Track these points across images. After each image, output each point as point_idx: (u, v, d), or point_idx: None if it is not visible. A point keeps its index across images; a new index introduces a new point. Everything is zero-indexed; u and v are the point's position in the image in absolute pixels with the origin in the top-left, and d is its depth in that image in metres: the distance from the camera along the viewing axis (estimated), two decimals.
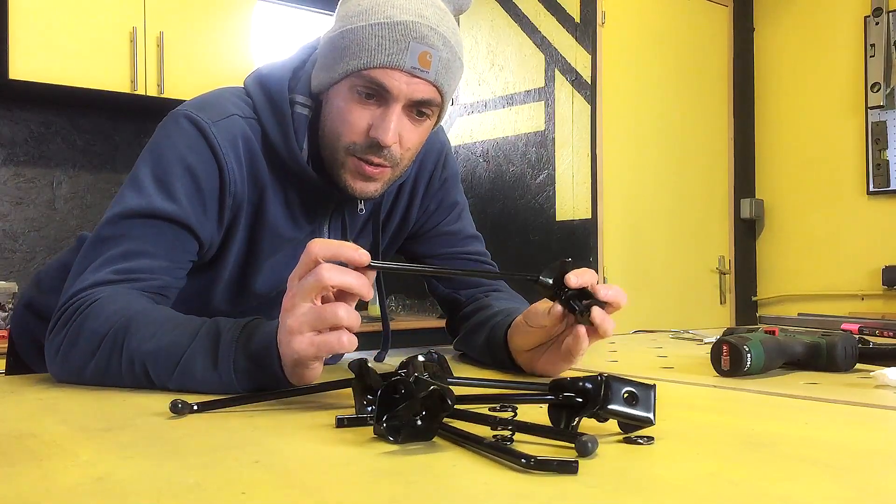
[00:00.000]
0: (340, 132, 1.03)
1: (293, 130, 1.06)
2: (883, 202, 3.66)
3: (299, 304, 0.78)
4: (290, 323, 0.78)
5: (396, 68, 0.99)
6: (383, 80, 0.99)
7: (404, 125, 1.03)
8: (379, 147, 1.02)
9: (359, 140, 1.02)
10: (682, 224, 3.82)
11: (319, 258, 0.77)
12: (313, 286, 0.76)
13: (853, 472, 0.55)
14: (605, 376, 0.63)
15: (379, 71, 0.99)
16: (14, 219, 3.17)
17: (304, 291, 0.77)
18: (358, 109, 1.02)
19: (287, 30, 3.85)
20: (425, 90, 1.01)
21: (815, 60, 3.90)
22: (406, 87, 1.00)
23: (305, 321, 0.77)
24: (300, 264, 0.78)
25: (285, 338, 0.79)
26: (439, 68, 1.01)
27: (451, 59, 1.03)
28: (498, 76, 3.83)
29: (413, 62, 0.99)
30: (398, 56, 0.98)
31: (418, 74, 1.00)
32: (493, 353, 1.08)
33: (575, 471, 0.53)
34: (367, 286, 0.78)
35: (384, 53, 0.98)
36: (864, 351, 1.05)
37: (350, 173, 1.05)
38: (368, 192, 1.07)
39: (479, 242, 1.33)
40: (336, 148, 1.04)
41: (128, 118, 3.37)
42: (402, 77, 0.99)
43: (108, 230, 1.00)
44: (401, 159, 1.06)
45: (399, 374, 0.69)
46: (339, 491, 0.51)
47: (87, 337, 0.91)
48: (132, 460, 0.58)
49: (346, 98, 1.02)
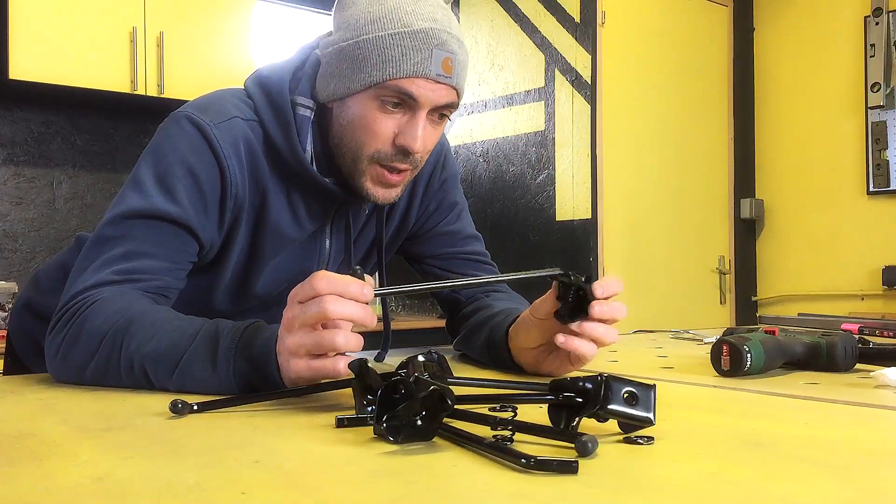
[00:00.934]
0: (363, 141, 1.03)
1: (296, 132, 1.06)
2: (883, 202, 3.66)
3: (299, 329, 0.79)
4: (289, 344, 0.80)
5: (422, 76, 0.99)
6: (410, 90, 0.99)
7: (427, 130, 1.04)
8: (406, 154, 1.03)
9: (384, 148, 1.03)
10: (682, 224, 3.82)
11: (322, 294, 0.78)
12: (316, 317, 0.78)
13: (853, 472, 0.55)
14: (605, 376, 0.63)
15: (405, 81, 0.99)
16: (14, 219, 3.17)
17: (305, 319, 0.78)
18: (383, 119, 1.02)
19: (287, 30, 3.85)
20: (448, 94, 1.03)
21: (815, 60, 3.90)
22: (432, 94, 1.01)
23: (303, 344, 0.79)
24: (302, 293, 0.79)
25: (284, 355, 0.81)
26: (459, 71, 1.03)
27: (465, 60, 1.05)
28: (498, 76, 3.83)
29: (438, 69, 1.00)
30: (423, 65, 0.99)
31: (442, 81, 1.01)
32: (494, 352, 1.08)
33: (575, 471, 0.53)
34: (370, 316, 0.80)
35: (409, 63, 0.99)
36: (864, 351, 1.05)
37: (371, 181, 1.06)
38: (390, 198, 1.09)
39: (479, 242, 1.33)
40: (358, 157, 1.05)
41: (128, 118, 3.36)
42: (428, 85, 1.00)
43: (109, 230, 1.00)
44: (420, 162, 1.08)
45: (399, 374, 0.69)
46: (339, 491, 0.51)
47: (87, 337, 0.91)
48: (132, 460, 0.58)
49: (368, 107, 1.02)
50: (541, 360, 1.00)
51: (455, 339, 1.25)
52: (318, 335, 0.78)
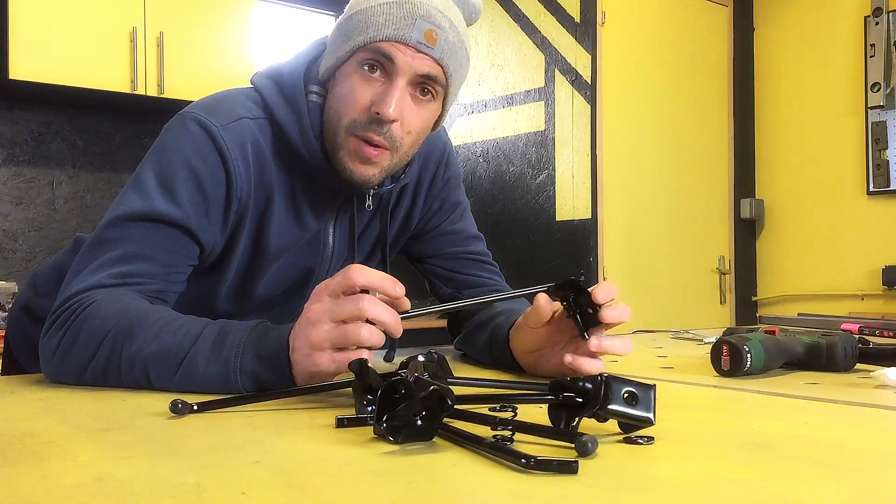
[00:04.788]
0: (342, 111, 1.03)
1: (308, 119, 1.06)
2: (883, 202, 3.66)
3: (325, 322, 0.80)
4: (314, 338, 0.80)
5: (402, 42, 0.99)
6: (389, 50, 0.99)
7: (406, 103, 1.02)
8: (380, 122, 1.01)
9: (360, 116, 1.02)
10: (682, 224, 3.82)
11: (358, 286, 0.79)
12: (350, 313, 0.79)
13: (853, 472, 0.55)
14: (605, 376, 0.63)
15: (385, 43, 1.00)
16: (14, 219, 3.17)
17: (338, 314, 0.80)
18: (362, 86, 1.02)
19: (287, 30, 3.85)
20: (430, 65, 1.02)
21: (815, 60, 3.90)
22: (411, 61, 1.00)
23: (328, 338, 0.80)
24: (337, 283, 0.80)
25: (305, 350, 0.81)
26: (445, 48, 1.02)
27: (457, 45, 1.03)
28: (498, 76, 3.83)
29: (419, 37, 1.00)
30: (405, 30, 0.99)
31: (423, 50, 1.00)
32: (495, 352, 1.08)
33: (575, 471, 0.53)
34: (399, 326, 0.82)
35: (391, 27, 0.99)
36: (864, 351, 1.05)
37: (349, 155, 1.04)
38: (367, 176, 1.05)
39: (481, 242, 1.33)
40: (338, 129, 1.04)
41: (128, 118, 3.36)
42: (408, 51, 1.00)
43: (108, 232, 0.99)
44: (401, 143, 1.04)
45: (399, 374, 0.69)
46: (339, 491, 0.51)
47: (84, 340, 0.90)
48: (132, 460, 0.58)
49: (350, 76, 1.03)
50: (539, 362, 1.00)
51: (456, 339, 1.25)
52: (345, 329, 0.80)
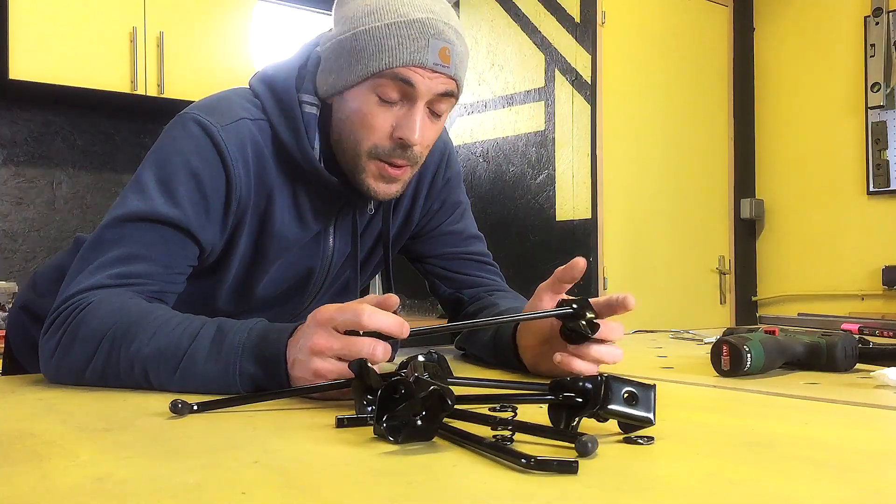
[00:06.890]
0: (361, 136, 1.03)
1: (305, 131, 1.06)
2: (883, 202, 3.66)
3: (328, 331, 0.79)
4: (318, 343, 0.79)
5: (420, 66, 0.99)
6: (407, 76, 0.99)
7: (425, 123, 1.03)
8: (405, 148, 1.02)
9: (382, 143, 1.02)
10: (682, 224, 3.82)
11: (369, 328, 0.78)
12: (350, 323, 0.78)
13: (853, 472, 0.55)
14: (605, 376, 0.63)
15: (402, 69, 0.99)
16: (14, 219, 3.16)
17: (341, 322, 0.79)
18: (380, 112, 1.02)
19: (287, 30, 3.85)
20: (447, 84, 1.02)
21: (815, 60, 3.90)
22: (430, 83, 1.00)
23: (332, 347, 0.79)
24: (345, 321, 0.79)
25: (303, 352, 0.80)
26: (457, 62, 1.02)
27: (463, 52, 1.04)
28: (498, 76, 3.83)
29: (435, 58, 0.99)
30: (420, 54, 0.99)
31: (440, 70, 1.00)
32: (499, 350, 1.08)
33: (575, 471, 0.53)
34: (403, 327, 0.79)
35: (406, 52, 0.98)
36: (864, 351, 1.05)
37: (372, 177, 1.05)
38: (391, 194, 1.08)
39: (482, 243, 1.33)
40: (358, 153, 1.04)
41: (128, 118, 3.36)
42: (426, 73, 1.00)
43: (108, 233, 0.99)
44: (420, 157, 1.06)
45: (399, 374, 0.69)
46: (339, 491, 0.51)
47: (83, 340, 0.90)
48: (132, 460, 0.58)
49: (365, 101, 1.02)
50: (540, 360, 1.00)
51: (457, 337, 1.25)
52: (350, 340, 0.78)
